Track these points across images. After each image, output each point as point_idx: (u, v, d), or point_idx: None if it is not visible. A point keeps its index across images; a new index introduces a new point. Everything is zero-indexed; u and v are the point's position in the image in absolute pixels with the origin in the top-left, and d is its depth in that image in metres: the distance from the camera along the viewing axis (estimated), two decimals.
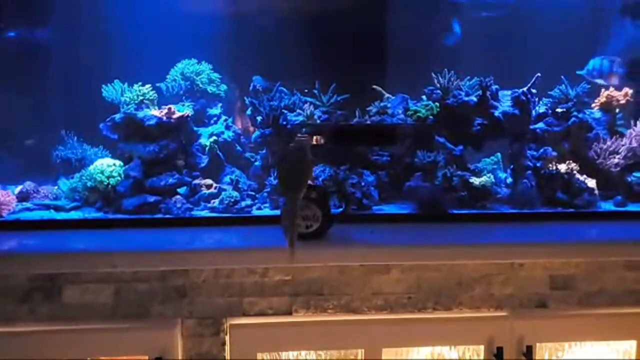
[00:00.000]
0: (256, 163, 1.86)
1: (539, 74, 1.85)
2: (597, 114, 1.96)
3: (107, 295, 1.42)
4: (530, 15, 2.15)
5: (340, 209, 1.60)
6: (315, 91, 1.87)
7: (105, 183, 1.68)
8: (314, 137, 1.65)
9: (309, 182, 1.43)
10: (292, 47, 1.99)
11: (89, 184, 1.69)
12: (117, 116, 1.76)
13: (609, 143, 1.88)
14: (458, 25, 2.06)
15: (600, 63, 1.83)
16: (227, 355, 1.45)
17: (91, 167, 1.72)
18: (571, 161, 1.81)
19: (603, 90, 1.97)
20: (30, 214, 1.64)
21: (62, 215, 1.65)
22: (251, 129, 1.93)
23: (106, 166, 1.70)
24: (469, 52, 2.06)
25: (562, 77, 1.92)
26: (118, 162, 1.73)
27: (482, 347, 1.51)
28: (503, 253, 1.50)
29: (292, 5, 2.06)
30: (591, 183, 1.78)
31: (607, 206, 1.78)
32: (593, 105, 1.98)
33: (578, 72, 1.89)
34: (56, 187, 1.79)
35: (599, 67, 1.83)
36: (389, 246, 1.48)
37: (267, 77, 1.90)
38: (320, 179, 1.69)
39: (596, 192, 1.77)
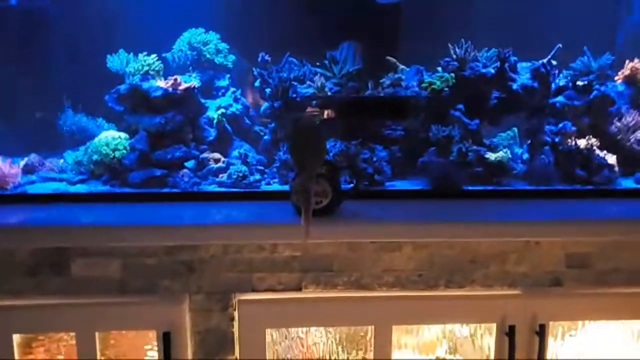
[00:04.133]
0: (265, 137, 1.82)
1: (559, 45, 1.78)
2: (620, 87, 1.89)
3: (115, 270, 1.41)
4: None
5: (351, 185, 1.57)
6: (326, 62, 1.81)
7: (111, 156, 1.65)
8: (325, 111, 1.60)
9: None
10: (302, 15, 1.92)
11: (94, 157, 1.66)
12: (122, 87, 1.72)
13: (630, 118, 1.81)
14: None
15: None
16: (236, 330, 1.45)
17: (96, 140, 1.68)
18: (591, 136, 1.75)
19: (627, 61, 1.89)
20: (36, 187, 1.62)
21: (68, 189, 1.62)
22: (260, 101, 1.88)
23: (111, 139, 1.67)
24: (487, 22, 1.97)
25: (585, 48, 1.84)
26: (123, 135, 1.70)
27: (494, 325, 1.49)
28: (518, 231, 1.46)
29: None
30: (611, 159, 1.72)
31: (628, 183, 1.73)
32: (616, 78, 1.91)
33: None
34: (62, 160, 1.76)
35: None
36: (401, 223, 1.44)
37: (276, 46, 1.84)
38: (331, 153, 1.64)
39: (616, 168, 1.71)
